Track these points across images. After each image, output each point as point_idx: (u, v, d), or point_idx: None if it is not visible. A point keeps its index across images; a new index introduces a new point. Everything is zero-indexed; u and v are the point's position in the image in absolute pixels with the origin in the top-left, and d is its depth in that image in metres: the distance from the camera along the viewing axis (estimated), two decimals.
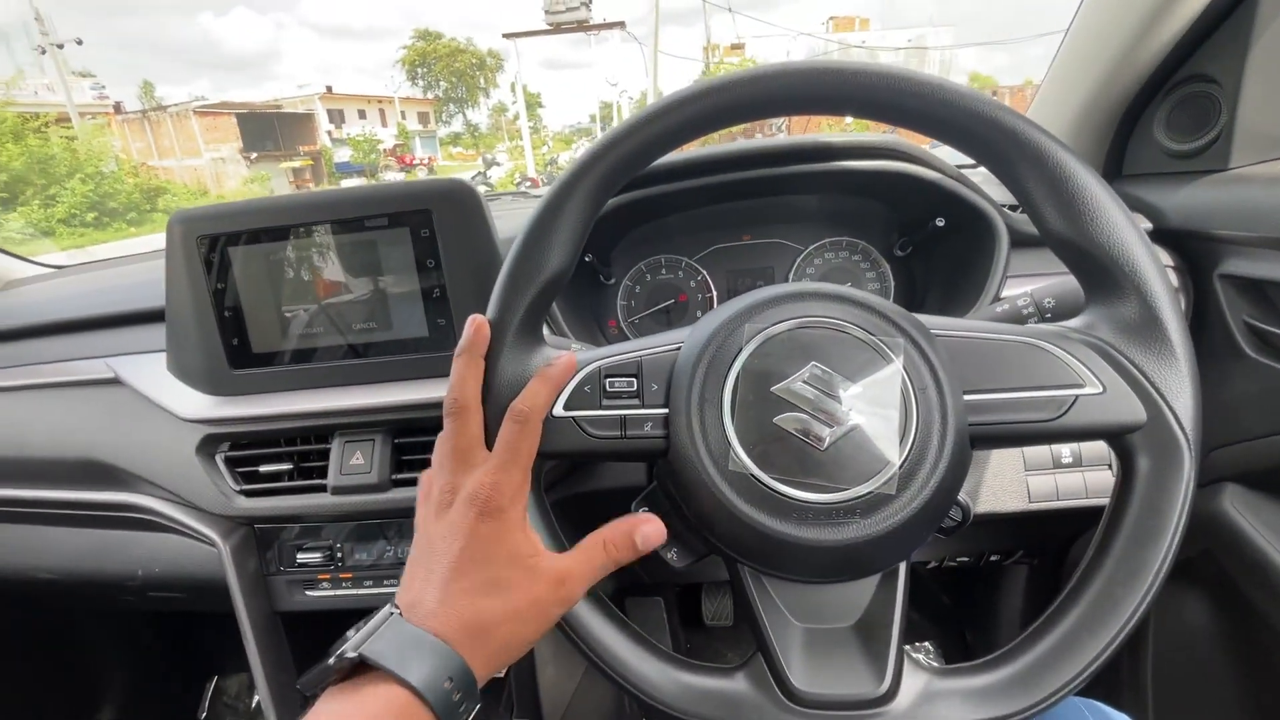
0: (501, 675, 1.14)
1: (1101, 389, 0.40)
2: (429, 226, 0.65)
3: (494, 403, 0.45)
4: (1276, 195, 0.62)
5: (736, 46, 35.11)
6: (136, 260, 1.10)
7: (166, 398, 0.73)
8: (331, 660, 0.39)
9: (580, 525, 0.75)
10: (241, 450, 0.74)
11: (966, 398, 0.41)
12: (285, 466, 0.74)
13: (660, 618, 1.19)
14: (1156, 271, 0.40)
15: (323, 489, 0.72)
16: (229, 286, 0.69)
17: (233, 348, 0.70)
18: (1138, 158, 0.76)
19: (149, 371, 0.75)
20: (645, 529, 0.44)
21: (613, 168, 0.46)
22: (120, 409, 0.76)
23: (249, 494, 0.74)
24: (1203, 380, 0.40)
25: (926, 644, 1.25)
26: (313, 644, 0.93)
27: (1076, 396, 0.40)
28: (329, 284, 0.69)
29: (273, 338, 0.70)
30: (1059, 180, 0.41)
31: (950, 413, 0.40)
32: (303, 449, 0.74)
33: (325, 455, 0.73)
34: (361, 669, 0.38)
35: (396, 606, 0.40)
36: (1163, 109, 0.72)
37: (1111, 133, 0.76)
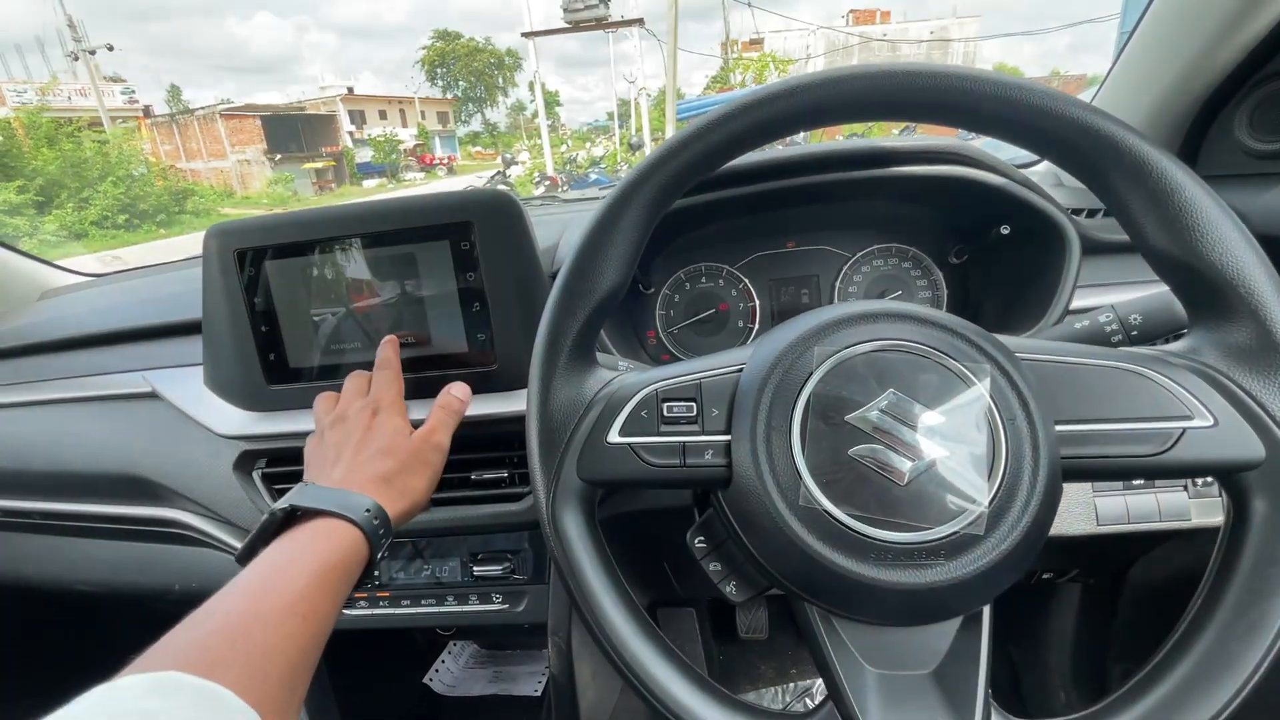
0: (538, 695, 1.13)
1: (1212, 421, 0.37)
2: (469, 239, 0.63)
3: (547, 430, 0.43)
4: None
5: (755, 42, 34.77)
6: (170, 269, 1.10)
7: (203, 413, 0.72)
8: (264, 516, 0.47)
9: (629, 544, 0.73)
10: (278, 467, 0.73)
11: (1058, 428, 0.38)
12: None
13: (693, 630, 1.16)
14: (1278, 293, 0.36)
15: None
16: (266, 300, 0.67)
17: (269, 363, 0.69)
18: (1214, 157, 0.71)
19: (186, 386, 0.74)
20: (454, 390, 0.62)
21: (671, 179, 0.44)
22: (158, 424, 0.76)
23: None
24: None
25: None
26: (349, 661, 0.92)
27: (1184, 429, 0.37)
28: (366, 298, 0.67)
29: (309, 353, 0.68)
30: (1164, 193, 0.37)
31: (1042, 445, 0.37)
32: None
33: None
34: (288, 525, 0.47)
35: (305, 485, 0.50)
36: (1245, 106, 0.67)
37: (1184, 130, 0.71)
